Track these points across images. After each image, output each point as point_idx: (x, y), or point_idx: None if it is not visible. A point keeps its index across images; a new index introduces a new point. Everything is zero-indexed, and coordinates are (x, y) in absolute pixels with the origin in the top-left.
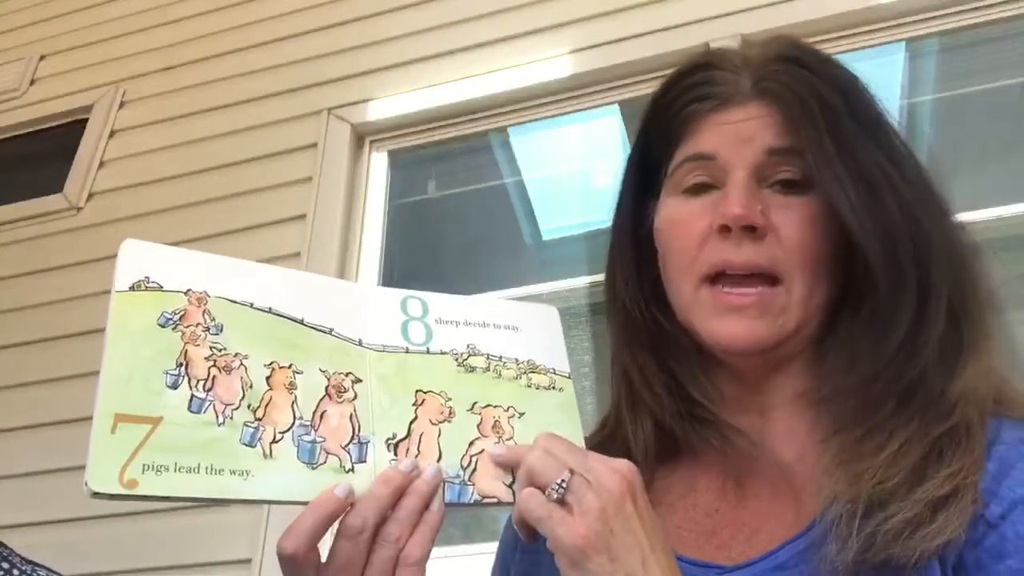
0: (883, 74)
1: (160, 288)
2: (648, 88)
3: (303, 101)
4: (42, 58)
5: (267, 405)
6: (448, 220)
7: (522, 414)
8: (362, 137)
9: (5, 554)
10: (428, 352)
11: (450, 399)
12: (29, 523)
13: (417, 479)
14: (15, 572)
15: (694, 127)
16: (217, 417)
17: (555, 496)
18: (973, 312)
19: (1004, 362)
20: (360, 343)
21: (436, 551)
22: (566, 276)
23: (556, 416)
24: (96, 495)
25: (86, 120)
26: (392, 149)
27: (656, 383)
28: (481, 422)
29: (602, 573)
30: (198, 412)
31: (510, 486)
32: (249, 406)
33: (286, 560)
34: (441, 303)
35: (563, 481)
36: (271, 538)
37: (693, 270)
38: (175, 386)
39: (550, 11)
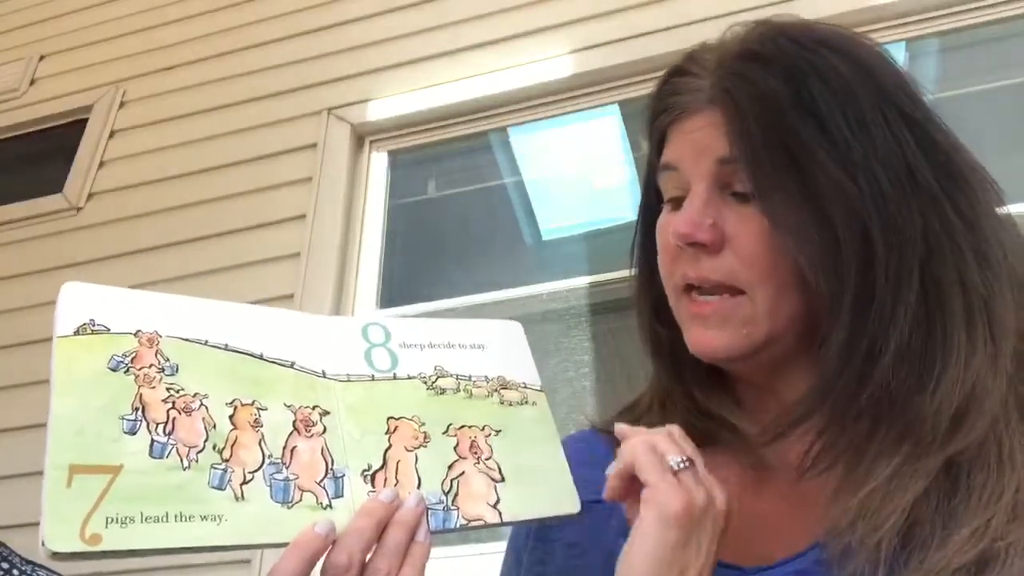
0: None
1: (107, 331)
2: (648, 88)
3: (303, 101)
4: (42, 58)
5: (233, 445)
6: (448, 220)
7: (499, 431)
8: (362, 137)
9: (5, 554)
10: (395, 378)
11: (423, 423)
12: (29, 523)
13: (400, 509)
14: (15, 572)
15: (666, 139)
16: (181, 461)
17: (674, 467)
18: (955, 313)
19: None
20: (324, 374)
21: (434, 551)
22: (566, 276)
23: (533, 430)
24: (55, 556)
25: (86, 120)
26: (392, 149)
27: (675, 392)
28: (458, 444)
29: (672, 546)
30: (160, 457)
31: (495, 506)
32: (214, 447)
33: None
34: (403, 328)
35: (684, 460)
36: None
37: (670, 284)
38: (133, 432)
39: (550, 11)
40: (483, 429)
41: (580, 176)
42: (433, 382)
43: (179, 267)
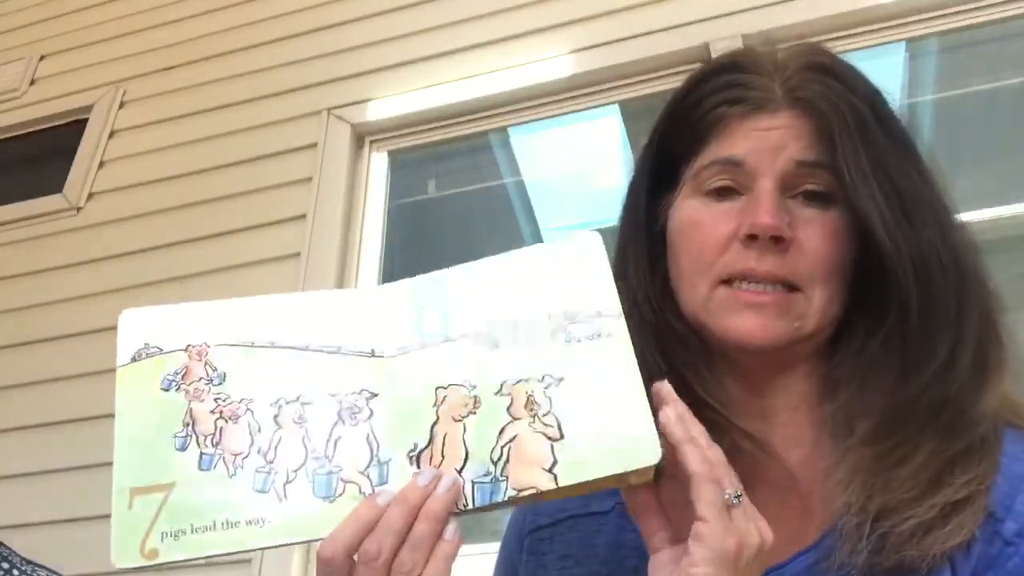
0: (883, 74)
1: (160, 351)
2: (648, 88)
3: (303, 101)
4: (42, 58)
5: (277, 446)
6: (448, 220)
7: (560, 379)
8: (362, 137)
9: (5, 554)
10: (446, 341)
11: (474, 387)
12: (29, 523)
13: (428, 497)
14: (15, 572)
15: (723, 129)
16: (228, 469)
17: (731, 501)
18: (996, 328)
19: (1009, 366)
20: (373, 354)
21: None
22: None
23: (604, 368)
24: (123, 571)
25: (86, 120)
26: (392, 149)
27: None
28: (512, 403)
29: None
30: (208, 469)
31: (551, 469)
32: (259, 451)
33: (324, 563)
34: (457, 277)
35: (739, 493)
36: None
37: (711, 273)
38: (184, 448)
39: (550, 11)
40: (542, 379)
41: (580, 176)
42: (487, 335)
43: (179, 267)
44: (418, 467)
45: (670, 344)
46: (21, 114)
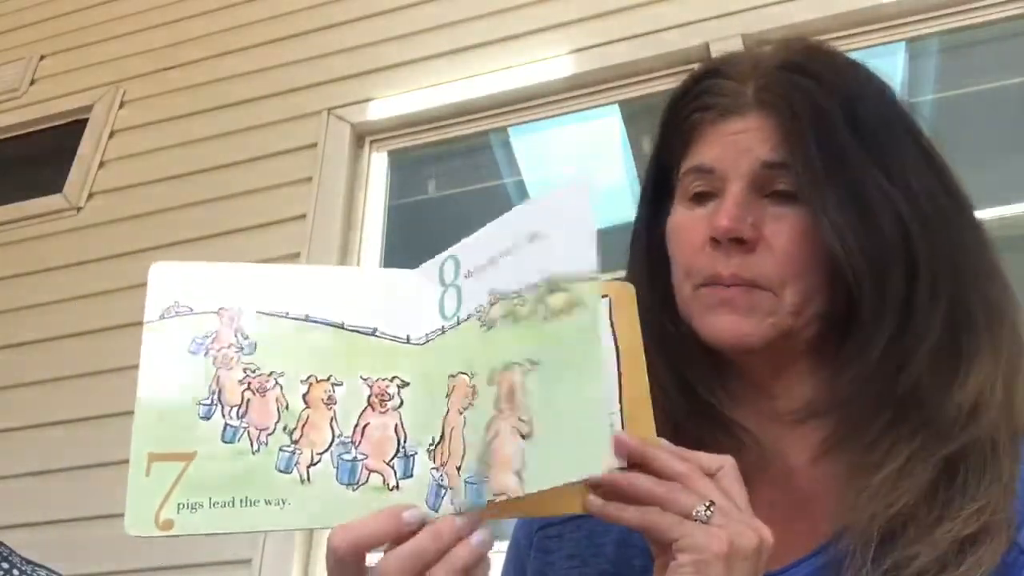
0: (883, 74)
1: (191, 311)
2: (648, 88)
3: (303, 101)
4: (42, 58)
5: (304, 425)
6: (448, 220)
7: (536, 363)
8: (362, 137)
9: (5, 554)
10: (458, 323)
11: (474, 375)
12: (29, 523)
13: (459, 544)
14: (15, 572)
15: (699, 136)
16: (252, 444)
17: (699, 517)
18: (979, 323)
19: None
20: (408, 340)
21: None
22: None
23: (573, 349)
24: (136, 537)
25: (86, 120)
26: (392, 149)
27: (668, 384)
28: (498, 394)
29: None
30: (232, 441)
31: (519, 473)
32: (285, 428)
33: (331, 551)
34: (469, 249)
35: (707, 505)
36: (271, 538)
37: (691, 277)
38: (208, 417)
39: (550, 11)
40: (522, 365)
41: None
42: (486, 314)
43: None
44: (434, 462)
45: (670, 345)
46: (21, 114)
